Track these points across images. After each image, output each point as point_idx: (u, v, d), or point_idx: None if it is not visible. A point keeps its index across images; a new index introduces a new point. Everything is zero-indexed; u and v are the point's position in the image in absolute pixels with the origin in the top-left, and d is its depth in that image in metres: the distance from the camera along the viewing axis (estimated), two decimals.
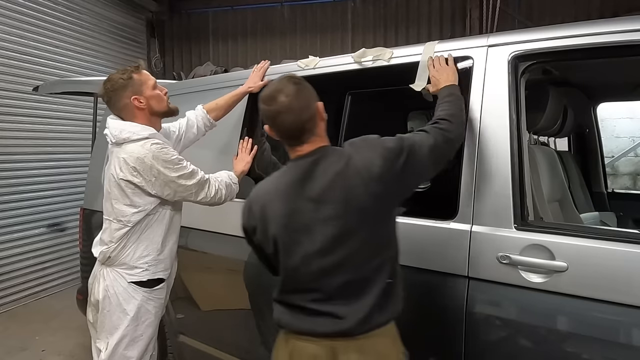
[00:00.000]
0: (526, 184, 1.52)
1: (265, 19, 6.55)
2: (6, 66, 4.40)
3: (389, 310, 1.33)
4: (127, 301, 1.86)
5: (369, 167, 1.28)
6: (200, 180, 1.85)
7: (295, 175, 1.34)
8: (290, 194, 1.33)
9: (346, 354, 1.28)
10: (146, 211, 1.83)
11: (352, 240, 1.28)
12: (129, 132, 1.80)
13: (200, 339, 2.50)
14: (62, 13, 5.08)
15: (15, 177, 4.53)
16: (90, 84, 3.74)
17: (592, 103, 3.09)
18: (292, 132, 1.36)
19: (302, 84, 1.36)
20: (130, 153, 1.77)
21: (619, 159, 5.42)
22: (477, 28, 5.37)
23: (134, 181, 1.77)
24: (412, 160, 1.32)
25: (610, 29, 1.42)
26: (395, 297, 1.36)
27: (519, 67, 1.57)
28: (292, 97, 1.32)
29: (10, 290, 4.47)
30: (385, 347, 1.34)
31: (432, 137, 1.39)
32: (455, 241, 1.57)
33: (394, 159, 1.29)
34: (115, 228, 1.84)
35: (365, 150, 1.32)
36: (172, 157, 1.80)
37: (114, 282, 1.86)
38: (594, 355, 1.35)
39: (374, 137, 1.37)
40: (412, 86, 1.73)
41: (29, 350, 3.56)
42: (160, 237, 1.89)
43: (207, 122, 2.21)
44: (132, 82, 1.84)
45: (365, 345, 1.30)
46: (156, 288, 1.91)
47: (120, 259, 1.85)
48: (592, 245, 1.35)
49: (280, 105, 1.32)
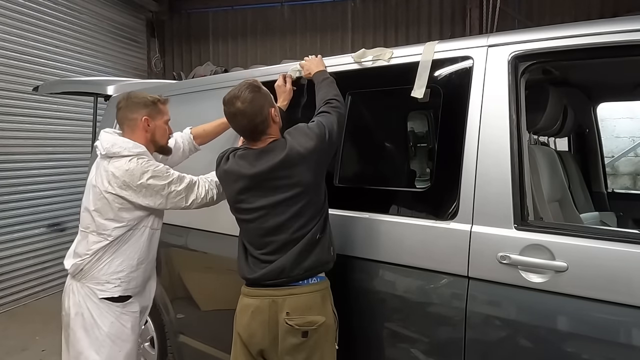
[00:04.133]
0: (526, 184, 1.52)
1: (265, 19, 6.55)
2: (6, 66, 4.40)
3: (313, 259, 1.65)
4: (101, 318, 1.84)
5: (306, 147, 1.62)
6: (189, 183, 1.87)
7: (246, 163, 1.67)
8: (244, 173, 1.67)
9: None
10: (129, 226, 1.84)
11: (291, 209, 1.63)
12: (121, 147, 1.82)
13: (200, 339, 2.50)
14: (62, 13, 5.08)
15: (15, 177, 4.53)
16: (90, 84, 3.74)
17: (592, 103, 3.09)
18: (246, 131, 1.71)
19: (258, 91, 1.67)
20: (119, 167, 1.78)
21: (619, 159, 5.41)
22: (477, 28, 5.37)
23: (122, 194, 1.78)
24: (331, 136, 1.68)
25: (610, 29, 1.42)
26: (322, 248, 1.67)
27: (519, 67, 1.57)
28: (247, 103, 1.63)
29: (10, 290, 4.47)
30: (315, 302, 1.64)
31: (335, 116, 1.75)
32: (455, 241, 1.57)
33: (322, 138, 1.65)
34: (93, 241, 1.83)
35: (301, 136, 1.65)
36: (159, 166, 1.83)
37: (85, 298, 1.85)
38: (594, 355, 1.35)
39: (303, 125, 1.69)
40: (414, 94, 1.73)
41: (29, 350, 3.56)
42: (137, 254, 1.89)
43: (192, 147, 2.25)
44: (154, 106, 1.93)
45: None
46: (128, 302, 1.90)
47: (92, 272, 1.84)
48: (592, 245, 1.35)
49: (236, 109, 1.65)
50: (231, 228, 1.93)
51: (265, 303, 1.64)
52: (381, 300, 1.76)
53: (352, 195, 1.94)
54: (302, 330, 1.60)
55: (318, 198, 1.67)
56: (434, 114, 3.37)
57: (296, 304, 1.62)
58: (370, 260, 1.79)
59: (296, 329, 1.59)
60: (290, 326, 1.60)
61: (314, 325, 1.60)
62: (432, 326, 1.64)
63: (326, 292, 1.70)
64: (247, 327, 1.68)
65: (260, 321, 1.65)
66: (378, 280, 1.79)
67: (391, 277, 1.77)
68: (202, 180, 1.92)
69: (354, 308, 1.82)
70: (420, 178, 3.37)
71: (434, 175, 1.74)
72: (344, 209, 1.88)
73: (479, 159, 1.57)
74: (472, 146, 1.59)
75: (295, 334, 1.60)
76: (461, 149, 1.60)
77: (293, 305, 1.62)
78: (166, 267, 2.66)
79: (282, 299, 1.63)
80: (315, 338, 1.61)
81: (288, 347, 1.61)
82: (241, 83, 1.70)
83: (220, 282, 2.40)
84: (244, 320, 1.69)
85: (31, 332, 3.84)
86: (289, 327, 1.60)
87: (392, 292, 1.74)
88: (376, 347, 1.79)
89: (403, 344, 1.72)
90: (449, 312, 1.58)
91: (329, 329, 1.65)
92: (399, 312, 1.74)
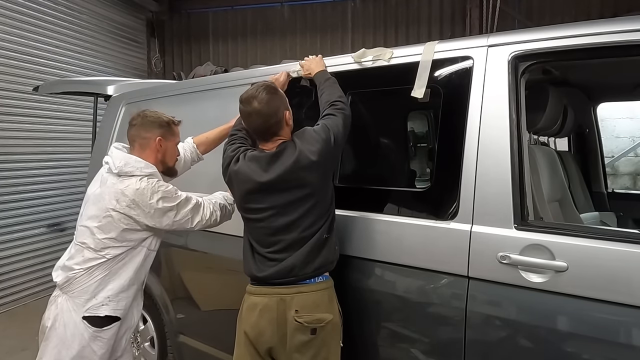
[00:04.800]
0: (526, 184, 1.52)
1: (265, 19, 6.55)
2: (6, 66, 4.40)
3: (322, 259, 1.68)
4: (74, 337, 1.78)
5: (314, 152, 1.65)
6: (195, 205, 1.86)
7: (257, 166, 1.70)
8: (251, 176, 1.70)
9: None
10: (128, 247, 1.81)
11: (299, 210, 1.66)
12: (133, 166, 1.81)
13: (200, 339, 2.50)
14: (62, 13, 5.09)
15: (15, 177, 4.53)
16: (90, 84, 3.74)
17: (592, 103, 3.09)
18: (260, 131, 1.74)
19: (275, 93, 1.72)
20: (129, 186, 1.77)
21: (619, 159, 5.41)
22: (477, 28, 5.37)
23: (130, 214, 1.76)
24: (337, 138, 1.70)
25: (610, 29, 1.42)
26: (329, 249, 1.71)
27: (519, 67, 1.57)
28: (263, 104, 1.67)
29: (10, 290, 4.47)
30: (322, 300, 1.68)
31: (340, 118, 1.75)
32: (455, 241, 1.57)
33: (328, 142, 1.67)
34: (89, 257, 1.79)
35: (309, 141, 1.68)
36: (169, 188, 1.82)
37: (66, 313, 1.80)
38: (594, 355, 1.35)
39: (310, 129, 1.72)
40: (414, 94, 1.73)
41: (29, 350, 3.55)
42: (130, 274, 1.85)
43: (195, 157, 2.21)
44: (168, 127, 1.94)
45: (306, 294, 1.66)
46: (106, 328, 1.83)
47: (82, 286, 1.79)
48: (592, 245, 1.35)
49: (252, 108, 1.69)
50: (231, 228, 1.94)
51: (274, 301, 1.66)
52: (381, 300, 1.77)
53: (353, 195, 1.94)
54: (311, 328, 1.62)
55: (325, 199, 1.70)
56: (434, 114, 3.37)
57: (305, 302, 1.64)
58: (371, 260, 1.79)
59: (305, 326, 1.62)
60: (300, 323, 1.62)
61: (322, 322, 1.63)
62: (432, 326, 1.64)
63: (332, 290, 1.73)
64: (255, 325, 1.68)
65: (269, 319, 1.66)
66: (378, 280, 1.79)
67: (391, 277, 1.77)
68: (207, 202, 1.91)
69: (355, 308, 1.82)
70: (420, 178, 3.37)
71: (434, 175, 1.74)
72: (344, 208, 1.88)
73: (479, 159, 1.57)
74: (472, 146, 1.59)
75: (304, 331, 1.62)
76: (461, 149, 1.60)
77: (301, 303, 1.64)
78: (166, 267, 2.66)
79: (290, 297, 1.65)
80: (323, 335, 1.64)
81: (297, 345, 1.63)
82: (258, 83, 1.75)
83: (220, 282, 2.41)
84: (251, 318, 1.69)
85: (31, 332, 3.80)
86: (298, 324, 1.62)
87: (392, 292, 1.75)
88: (376, 347, 1.80)
89: (403, 344, 1.72)
90: (449, 312, 1.59)
91: (336, 327, 1.68)
92: (399, 312, 1.74)
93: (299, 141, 1.68)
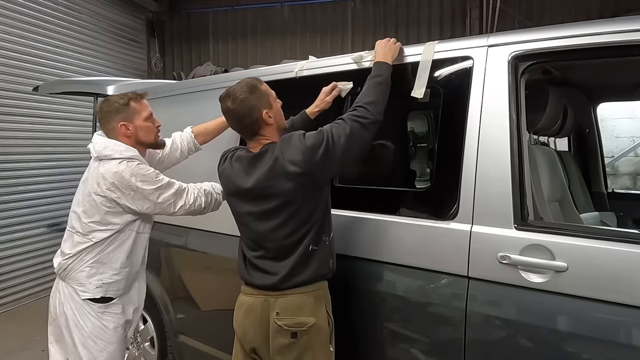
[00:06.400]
0: (526, 184, 1.52)
1: (265, 19, 6.55)
2: (6, 66, 4.40)
3: (310, 272, 1.60)
4: (83, 318, 1.84)
5: (291, 160, 1.54)
6: (178, 189, 1.84)
7: (240, 166, 1.67)
8: (235, 179, 1.68)
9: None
10: (114, 230, 1.82)
11: (276, 219, 1.59)
12: (112, 149, 1.80)
13: (200, 339, 2.51)
14: (62, 13, 5.09)
15: (15, 177, 4.53)
16: (90, 84, 3.75)
17: (592, 103, 3.09)
18: (238, 130, 1.74)
19: (252, 92, 1.62)
20: (109, 169, 1.77)
21: (619, 159, 5.41)
22: (477, 28, 5.37)
23: (111, 197, 1.76)
24: (333, 150, 1.55)
25: (610, 29, 1.42)
26: (318, 262, 1.62)
27: (519, 67, 1.57)
28: (236, 103, 1.62)
29: (10, 290, 4.48)
30: (306, 303, 1.60)
31: (349, 126, 1.58)
32: (455, 241, 1.57)
33: (314, 152, 1.53)
34: (77, 241, 1.82)
35: (290, 148, 1.57)
36: (149, 171, 1.80)
37: (68, 297, 1.85)
38: (594, 355, 1.35)
39: (298, 134, 1.59)
40: (414, 94, 1.73)
41: (29, 350, 3.56)
42: (120, 257, 1.86)
43: (193, 147, 2.20)
44: (126, 108, 1.85)
45: (290, 298, 1.60)
46: (110, 303, 1.88)
47: (74, 272, 1.84)
48: (592, 245, 1.35)
49: (226, 107, 1.65)
50: (231, 228, 1.93)
51: (258, 301, 1.64)
52: (381, 300, 1.76)
53: (352, 195, 1.94)
54: (291, 331, 1.57)
55: (305, 208, 1.59)
56: (434, 114, 3.37)
57: (286, 305, 1.60)
58: (371, 260, 1.79)
59: (285, 329, 1.58)
60: (279, 326, 1.58)
61: (303, 326, 1.57)
62: (432, 326, 1.64)
63: (321, 292, 1.66)
64: (240, 324, 1.69)
65: (253, 319, 1.65)
66: (378, 280, 1.79)
67: (391, 277, 1.77)
68: (192, 188, 1.89)
69: (355, 308, 1.82)
70: (420, 178, 3.37)
71: (434, 175, 1.74)
72: (344, 209, 1.88)
73: (479, 159, 1.57)
74: (472, 146, 1.59)
75: (284, 334, 1.58)
76: (461, 149, 1.60)
77: (283, 306, 1.60)
78: (166, 267, 2.66)
79: (274, 299, 1.62)
80: (306, 339, 1.58)
81: (278, 347, 1.60)
82: (242, 80, 1.68)
83: (220, 282, 2.40)
84: (238, 317, 1.71)
85: (31, 332, 3.83)
86: (278, 327, 1.58)
87: (392, 292, 1.75)
88: (376, 347, 1.79)
89: (403, 344, 1.72)
90: (449, 312, 1.58)
91: (321, 331, 1.61)
92: (399, 312, 1.74)
93: (280, 147, 1.59)
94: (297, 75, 2.14)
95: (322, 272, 1.65)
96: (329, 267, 1.68)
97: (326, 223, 1.67)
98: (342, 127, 1.58)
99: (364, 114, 1.60)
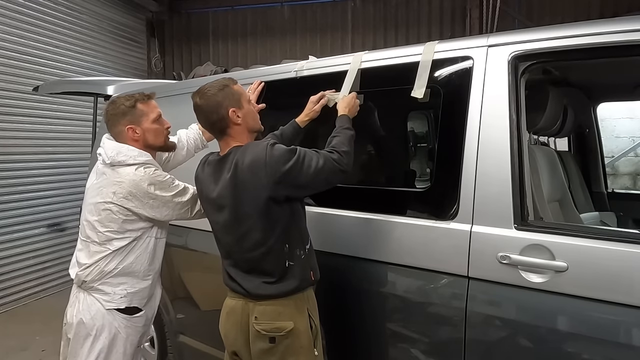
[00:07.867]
0: (526, 184, 1.52)
1: (265, 19, 6.55)
2: (6, 66, 4.40)
3: (288, 286, 1.57)
4: (103, 327, 1.77)
5: (250, 169, 1.51)
6: (193, 194, 1.83)
7: (210, 171, 1.68)
8: (205, 186, 1.68)
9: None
10: (132, 237, 1.78)
11: (237, 231, 1.57)
12: (126, 155, 1.75)
13: (200, 339, 2.50)
14: (62, 13, 5.09)
15: (15, 177, 4.53)
16: (90, 84, 3.75)
17: (592, 103, 3.09)
18: (207, 129, 1.73)
19: (221, 89, 1.62)
20: (125, 177, 1.72)
21: (619, 159, 5.41)
22: (477, 28, 5.37)
23: (128, 206, 1.72)
24: (296, 172, 1.51)
25: (610, 29, 1.42)
26: (297, 277, 1.58)
27: (519, 67, 1.57)
28: (204, 100, 1.62)
29: (10, 290, 4.47)
30: (286, 308, 1.57)
31: (322, 163, 1.54)
32: (455, 241, 1.57)
33: (276, 167, 1.49)
34: (94, 250, 1.76)
35: (250, 154, 1.53)
36: (166, 177, 1.78)
37: (91, 306, 1.78)
38: (594, 355, 1.35)
39: (264, 145, 1.54)
40: (414, 94, 1.73)
41: (29, 350, 3.56)
42: (143, 265, 1.82)
43: (200, 144, 2.16)
44: (133, 110, 1.79)
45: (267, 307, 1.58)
46: (136, 315, 1.84)
47: (97, 284, 1.77)
48: (592, 245, 1.35)
49: (195, 104, 1.65)
50: None
51: (239, 305, 1.64)
52: (381, 300, 1.76)
53: (352, 195, 1.94)
54: (269, 336, 1.55)
55: (268, 222, 1.54)
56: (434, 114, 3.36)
57: (265, 309, 1.58)
58: (371, 260, 1.79)
59: (263, 334, 1.56)
60: (258, 331, 1.57)
61: (281, 331, 1.55)
62: (432, 326, 1.64)
63: (303, 297, 1.62)
64: (222, 326, 1.71)
65: (233, 322, 1.65)
66: (378, 280, 1.78)
67: (391, 277, 1.76)
68: None
69: (354, 308, 1.82)
70: (420, 178, 3.37)
71: (434, 175, 1.74)
72: (344, 208, 1.88)
73: (479, 159, 1.57)
74: (472, 146, 1.59)
75: (263, 339, 1.56)
76: (461, 149, 1.60)
77: (262, 310, 1.58)
78: (166, 267, 2.65)
79: (253, 303, 1.60)
80: (285, 344, 1.56)
81: (258, 352, 1.59)
82: (216, 79, 1.70)
83: (220, 282, 2.39)
84: (222, 319, 1.72)
85: (31, 332, 3.83)
86: (257, 332, 1.57)
87: (392, 292, 1.75)
88: (376, 346, 1.79)
89: (403, 344, 1.72)
90: (449, 312, 1.58)
91: (301, 335, 1.57)
92: (399, 312, 1.74)
93: (242, 151, 1.56)
94: (297, 75, 2.14)
95: (303, 285, 1.61)
96: (310, 280, 1.64)
97: (297, 237, 1.62)
98: (316, 159, 1.54)
99: (339, 160, 1.57)
